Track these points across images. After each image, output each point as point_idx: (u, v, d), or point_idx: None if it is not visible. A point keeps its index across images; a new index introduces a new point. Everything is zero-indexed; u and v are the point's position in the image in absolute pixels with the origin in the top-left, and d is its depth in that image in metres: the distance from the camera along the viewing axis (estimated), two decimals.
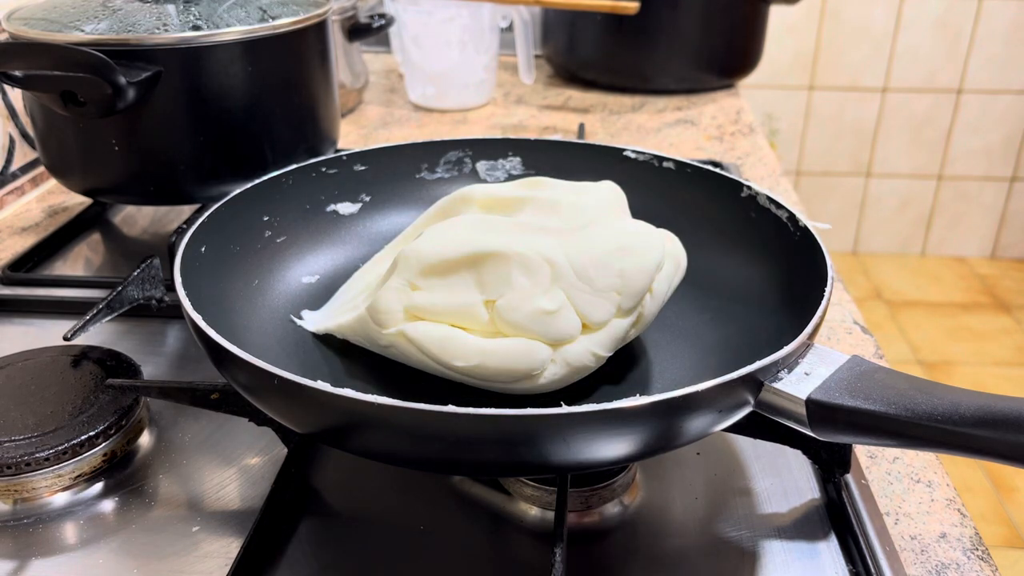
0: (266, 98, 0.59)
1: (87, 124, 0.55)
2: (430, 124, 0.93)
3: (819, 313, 0.35)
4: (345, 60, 0.93)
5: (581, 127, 0.77)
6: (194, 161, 0.58)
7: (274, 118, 0.60)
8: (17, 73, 0.52)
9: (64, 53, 0.50)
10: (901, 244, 2.83)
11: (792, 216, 0.44)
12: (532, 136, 0.88)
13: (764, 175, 0.78)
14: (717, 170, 0.50)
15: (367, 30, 0.92)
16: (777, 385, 0.33)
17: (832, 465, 0.40)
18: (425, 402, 0.29)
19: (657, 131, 0.90)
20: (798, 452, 0.41)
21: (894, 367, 0.34)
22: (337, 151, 0.66)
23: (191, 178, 0.58)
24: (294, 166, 0.51)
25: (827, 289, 0.37)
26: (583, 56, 1.05)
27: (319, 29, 0.62)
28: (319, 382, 0.31)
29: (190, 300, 0.36)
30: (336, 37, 0.90)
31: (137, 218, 0.70)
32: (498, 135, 0.88)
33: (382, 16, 0.94)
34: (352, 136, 0.90)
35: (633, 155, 0.53)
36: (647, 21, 0.94)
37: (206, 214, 0.44)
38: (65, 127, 0.57)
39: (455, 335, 0.38)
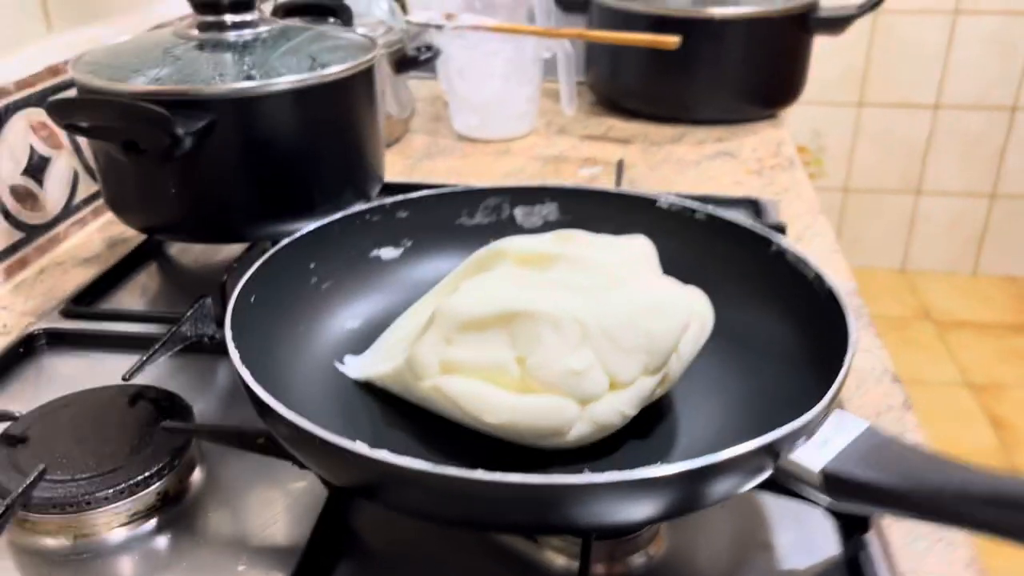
0: (315, 142, 0.61)
1: (146, 168, 0.59)
2: (474, 155, 0.96)
3: (838, 382, 0.36)
4: (392, 91, 0.96)
5: (620, 165, 0.79)
6: (246, 203, 0.60)
7: (323, 161, 0.62)
8: (83, 123, 0.55)
9: (126, 109, 0.53)
10: (951, 263, 2.78)
11: (818, 276, 0.45)
12: (571, 172, 0.90)
13: (802, 212, 0.79)
14: (748, 223, 0.51)
15: (414, 62, 0.95)
16: (794, 456, 0.34)
17: (852, 523, 0.41)
18: (459, 454, 0.31)
19: (697, 164, 0.91)
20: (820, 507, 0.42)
21: (941, 389, 0.36)
22: (384, 185, 0.69)
23: (243, 219, 0.61)
24: (341, 215, 0.53)
25: (847, 357, 0.38)
26: (625, 85, 1.06)
27: (367, 74, 0.64)
28: (357, 443, 0.33)
29: (239, 353, 0.39)
30: (383, 69, 0.92)
31: (191, 249, 0.73)
32: (538, 171, 0.90)
33: (429, 48, 0.96)
34: (398, 166, 0.92)
35: (666, 206, 0.54)
36: (689, 52, 0.94)
37: (257, 265, 0.46)
38: (125, 170, 0.60)
39: (487, 392, 0.40)
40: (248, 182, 0.60)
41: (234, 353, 0.39)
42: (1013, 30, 2.47)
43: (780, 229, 0.69)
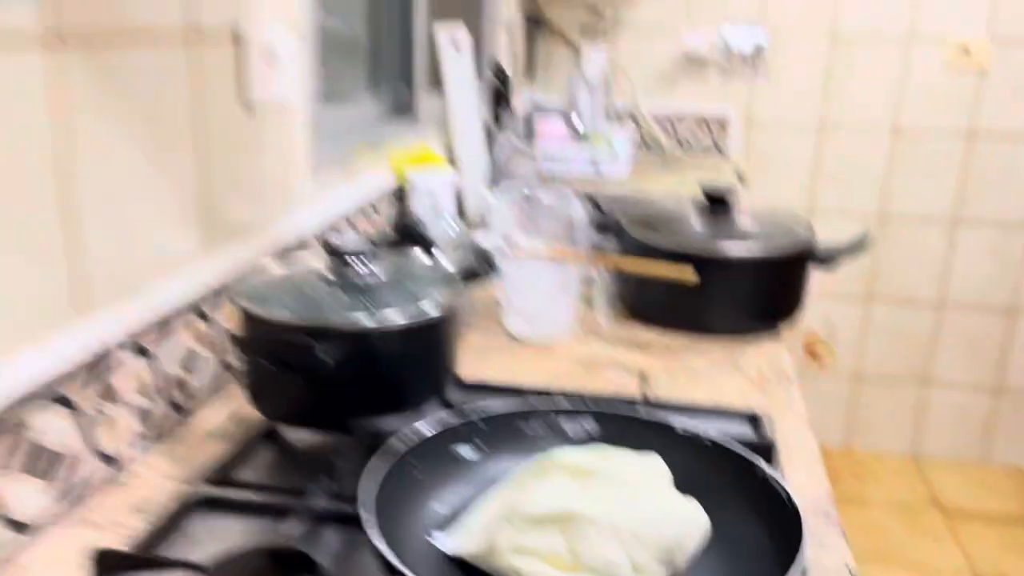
0: (413, 359, 0.81)
1: (285, 375, 0.78)
2: (522, 354, 1.15)
3: None
4: None
5: (643, 380, 0.97)
6: (355, 403, 0.79)
7: (415, 373, 0.82)
8: (248, 347, 0.75)
9: (282, 338, 0.73)
10: (960, 451, 2.89)
11: (789, 497, 0.62)
12: (603, 374, 1.08)
13: (793, 428, 0.96)
14: (740, 450, 0.68)
15: (477, 276, 1.16)
16: None
17: None
18: None
19: (708, 374, 1.10)
20: None
21: None
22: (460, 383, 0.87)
23: (351, 415, 0.80)
24: (440, 429, 0.71)
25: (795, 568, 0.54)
26: (650, 298, 1.26)
27: (454, 313, 0.84)
28: None
29: (384, 541, 0.56)
30: None
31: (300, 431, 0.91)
32: (575, 372, 1.09)
33: (490, 264, 1.17)
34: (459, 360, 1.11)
35: (680, 431, 0.72)
36: (704, 280, 1.14)
37: (382, 475, 0.64)
38: (268, 375, 0.79)
39: (547, 573, 0.56)
40: (359, 388, 0.79)
41: (380, 542, 0.56)
42: (1009, 238, 2.69)
43: (771, 445, 0.86)
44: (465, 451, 0.73)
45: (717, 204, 1.29)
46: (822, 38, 2.61)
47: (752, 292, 1.20)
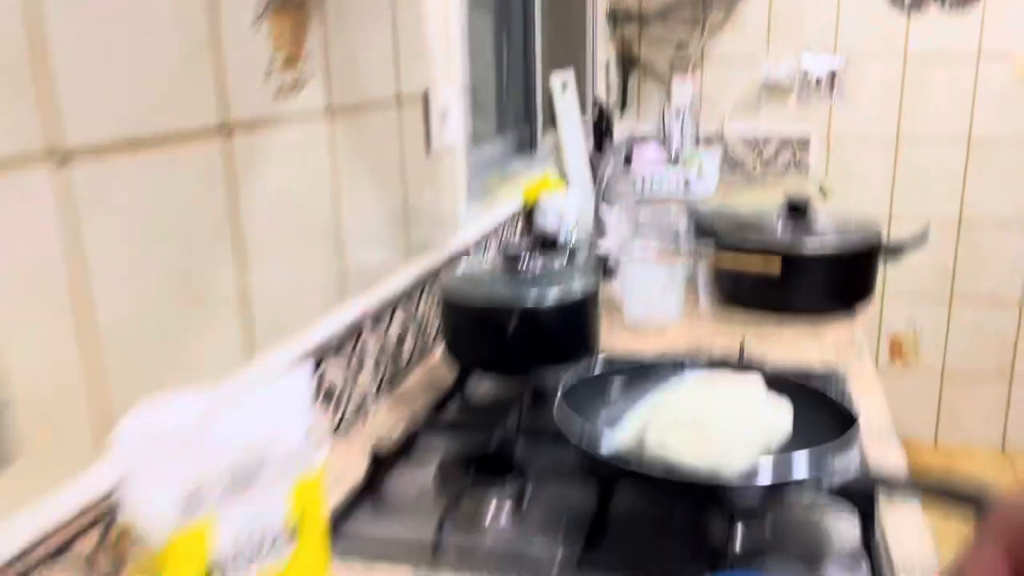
0: (571, 325, 1.11)
1: (482, 334, 1.09)
2: (641, 336, 1.43)
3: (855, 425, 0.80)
4: None
5: (742, 345, 1.24)
6: (531, 357, 1.10)
7: (573, 334, 1.12)
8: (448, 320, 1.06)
9: (483, 311, 1.04)
10: None
11: (850, 409, 0.89)
12: (711, 349, 1.36)
13: (863, 384, 1.22)
14: (809, 384, 0.96)
15: (608, 273, 1.46)
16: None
17: None
18: None
19: (794, 345, 1.36)
20: None
21: None
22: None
23: (529, 363, 1.10)
24: (599, 372, 1.01)
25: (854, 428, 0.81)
26: (744, 288, 1.53)
27: (595, 292, 1.14)
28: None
29: (582, 427, 0.85)
30: None
31: (481, 386, 1.21)
32: (688, 348, 1.37)
33: (608, 266, 1.47)
34: None
35: (771, 375, 0.99)
36: (788, 271, 1.41)
37: (568, 394, 0.93)
38: (467, 337, 1.10)
39: (684, 453, 0.85)
40: (535, 345, 1.09)
41: (577, 422, 0.85)
42: None
43: (842, 390, 1.12)
44: (617, 385, 1.02)
45: (797, 211, 1.55)
46: (894, 59, 2.83)
47: (828, 280, 1.46)
